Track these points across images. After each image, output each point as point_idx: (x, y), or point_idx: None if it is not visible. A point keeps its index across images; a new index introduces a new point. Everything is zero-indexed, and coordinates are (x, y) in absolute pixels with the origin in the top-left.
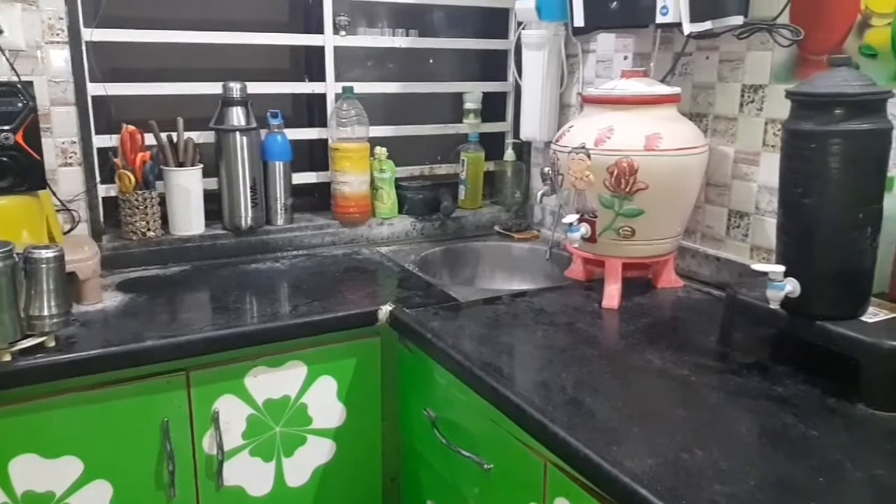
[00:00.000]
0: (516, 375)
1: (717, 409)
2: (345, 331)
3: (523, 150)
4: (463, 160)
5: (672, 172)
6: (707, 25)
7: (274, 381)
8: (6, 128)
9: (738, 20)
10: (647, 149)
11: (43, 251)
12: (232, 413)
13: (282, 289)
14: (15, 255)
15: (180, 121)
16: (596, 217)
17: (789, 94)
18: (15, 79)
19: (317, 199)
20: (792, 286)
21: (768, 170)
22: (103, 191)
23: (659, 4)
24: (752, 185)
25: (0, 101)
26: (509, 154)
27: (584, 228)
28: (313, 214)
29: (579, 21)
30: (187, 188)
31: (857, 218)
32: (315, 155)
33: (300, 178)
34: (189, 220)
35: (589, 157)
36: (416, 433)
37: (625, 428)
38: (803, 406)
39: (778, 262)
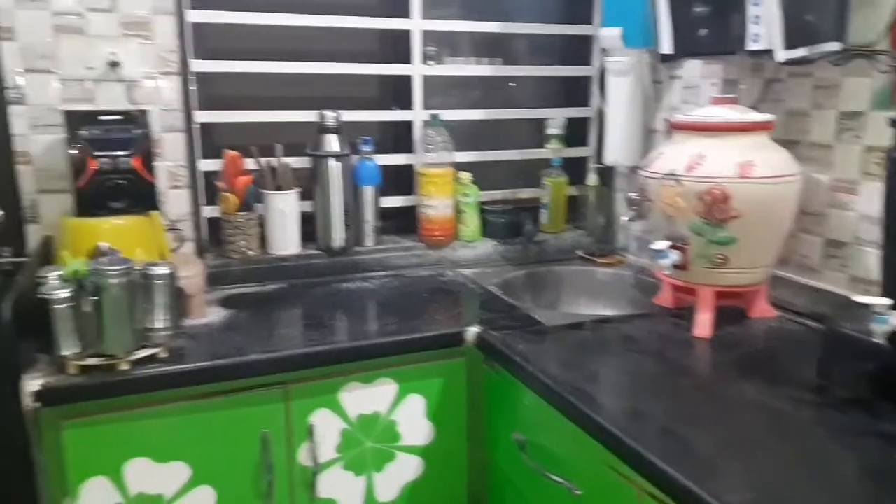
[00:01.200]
0: (608, 402)
1: (819, 444)
2: (432, 350)
3: (606, 174)
4: (546, 185)
5: (766, 200)
6: (802, 52)
7: (366, 397)
8: (125, 153)
9: (834, 46)
10: (739, 176)
11: (158, 268)
12: (327, 427)
13: (372, 308)
14: (134, 272)
15: (279, 147)
16: (686, 244)
17: (893, 122)
18: (132, 108)
19: (402, 222)
20: None
21: (869, 199)
22: (207, 212)
23: (750, 31)
24: (851, 213)
25: (120, 128)
26: (592, 178)
27: (675, 255)
28: (399, 236)
29: (667, 48)
30: (284, 210)
31: None
32: (402, 179)
33: (388, 201)
34: (286, 240)
35: (680, 183)
36: (502, 455)
37: (723, 460)
38: None
39: (883, 295)
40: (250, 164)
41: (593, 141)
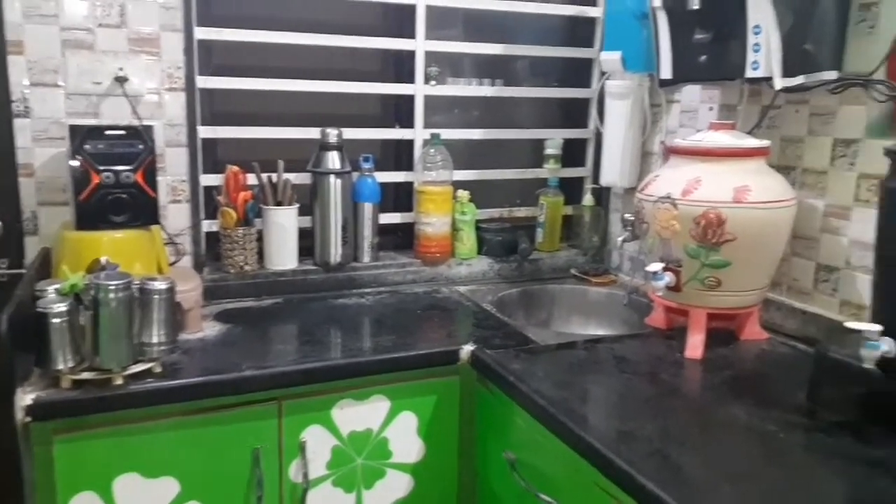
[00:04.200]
0: (599, 422)
1: (809, 468)
2: (427, 368)
3: (602, 195)
4: (542, 204)
5: (761, 225)
6: (799, 80)
7: (359, 414)
8: (128, 168)
9: (831, 75)
10: (735, 201)
11: (156, 283)
12: (318, 443)
13: (367, 324)
14: (133, 287)
15: (280, 163)
16: (680, 266)
17: (889, 152)
18: (137, 122)
19: (400, 239)
20: (888, 346)
21: (861, 225)
22: (206, 226)
23: (749, 59)
24: (843, 239)
25: (124, 143)
26: (588, 199)
27: (669, 277)
28: (397, 253)
29: (667, 74)
30: (284, 225)
31: None
32: (400, 196)
33: (385, 218)
34: (283, 255)
35: (675, 206)
36: (493, 474)
37: (714, 484)
38: None
39: (874, 321)
40: (251, 179)
41: (590, 162)
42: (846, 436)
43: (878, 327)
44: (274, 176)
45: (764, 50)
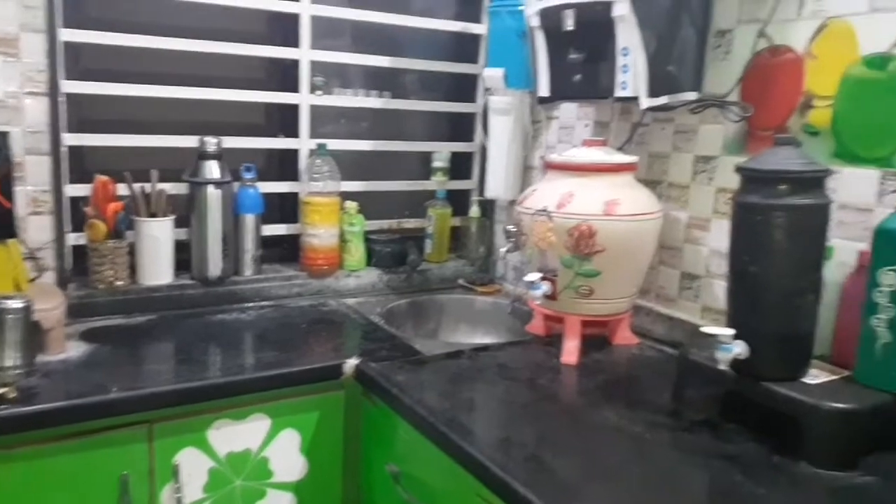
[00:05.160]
0: (479, 431)
1: (671, 466)
2: (309, 384)
3: (487, 207)
4: (430, 215)
5: (628, 236)
6: (663, 100)
7: (237, 434)
8: None
9: (692, 96)
10: (605, 213)
11: (10, 302)
12: (193, 466)
13: (248, 340)
14: None
15: (154, 173)
16: (556, 276)
17: (738, 169)
18: None
19: (286, 251)
20: (740, 348)
21: (718, 235)
22: (72, 239)
23: (619, 79)
24: (703, 248)
25: None
26: (474, 210)
27: (546, 286)
28: (282, 265)
29: (544, 92)
30: (158, 238)
31: (799, 285)
32: (286, 207)
33: (270, 229)
34: (158, 269)
35: (551, 219)
36: (377, 488)
37: (584, 485)
38: (751, 464)
39: (728, 325)
40: (123, 189)
41: (476, 175)
42: (705, 433)
43: (731, 331)
44: (148, 186)
45: (632, 71)
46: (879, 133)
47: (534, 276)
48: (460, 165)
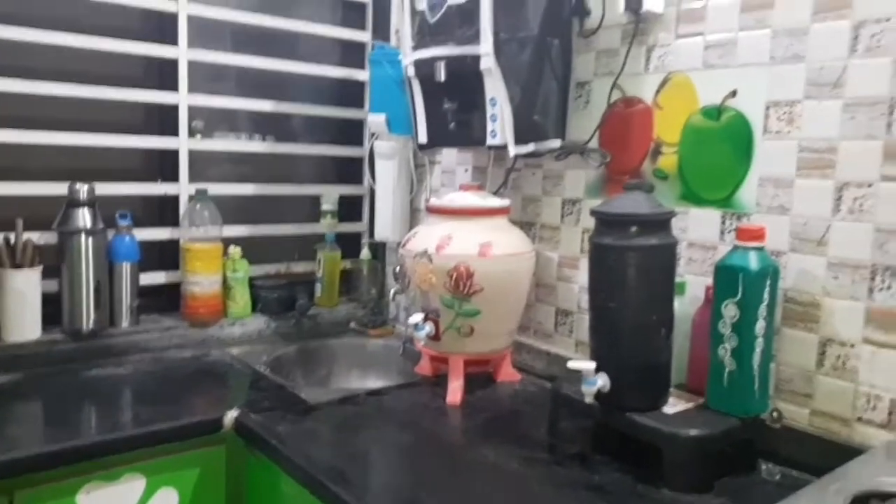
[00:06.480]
0: (359, 479)
1: (543, 499)
2: (187, 440)
3: (377, 249)
4: (319, 259)
5: (503, 276)
6: (530, 148)
7: (109, 496)
8: None
9: (555, 143)
10: (480, 255)
11: None
12: None
13: (122, 396)
14: None
15: (19, 221)
16: (439, 316)
17: (593, 213)
18: None
19: (166, 301)
20: (603, 381)
21: (586, 273)
22: None
23: (489, 128)
24: (574, 286)
25: None
26: (365, 253)
27: (430, 327)
28: (161, 315)
29: (423, 138)
30: (23, 291)
31: (652, 319)
32: (166, 254)
33: (148, 278)
34: (23, 324)
35: (431, 261)
36: None
37: None
38: (617, 493)
39: (591, 359)
40: None
41: (366, 217)
42: (576, 465)
43: (592, 364)
44: (12, 236)
45: (500, 120)
46: (717, 177)
47: (417, 318)
48: (351, 208)
